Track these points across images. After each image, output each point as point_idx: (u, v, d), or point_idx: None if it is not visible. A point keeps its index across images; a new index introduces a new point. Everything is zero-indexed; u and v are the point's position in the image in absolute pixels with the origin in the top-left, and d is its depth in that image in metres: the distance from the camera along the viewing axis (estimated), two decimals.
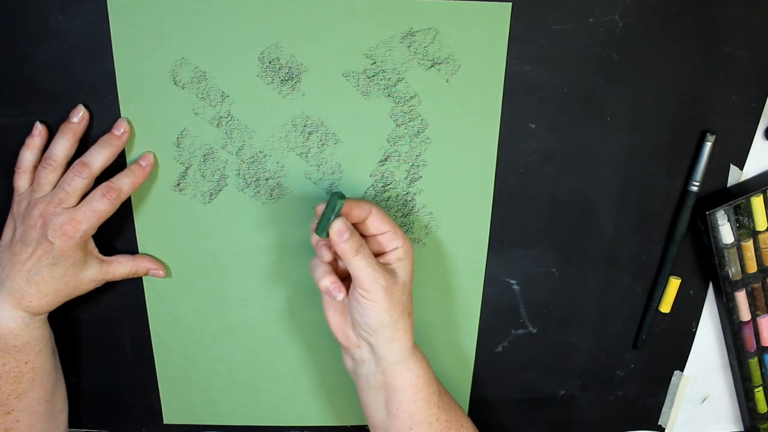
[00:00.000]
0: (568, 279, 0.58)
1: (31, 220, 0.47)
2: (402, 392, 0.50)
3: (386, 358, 0.49)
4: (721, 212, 0.55)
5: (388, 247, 0.50)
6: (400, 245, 0.49)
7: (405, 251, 0.49)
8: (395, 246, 0.49)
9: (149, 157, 0.51)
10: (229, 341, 0.58)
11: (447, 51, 0.50)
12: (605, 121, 0.53)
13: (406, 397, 0.50)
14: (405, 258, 0.49)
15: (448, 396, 0.54)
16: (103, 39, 0.48)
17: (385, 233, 0.49)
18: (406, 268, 0.50)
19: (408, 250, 0.50)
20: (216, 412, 0.61)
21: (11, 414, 0.49)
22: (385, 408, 0.51)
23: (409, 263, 0.50)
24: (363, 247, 0.47)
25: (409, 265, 0.50)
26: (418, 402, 0.50)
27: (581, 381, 0.62)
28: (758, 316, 0.59)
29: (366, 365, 0.51)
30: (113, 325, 0.57)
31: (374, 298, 0.47)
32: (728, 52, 0.51)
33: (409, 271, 0.50)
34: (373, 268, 0.47)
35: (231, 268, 0.55)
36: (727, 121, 0.53)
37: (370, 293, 0.47)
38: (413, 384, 0.50)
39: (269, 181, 0.53)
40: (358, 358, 0.52)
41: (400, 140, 0.52)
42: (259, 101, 0.50)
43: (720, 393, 0.64)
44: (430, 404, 0.51)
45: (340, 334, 0.51)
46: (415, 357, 0.51)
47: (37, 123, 0.49)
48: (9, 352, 0.48)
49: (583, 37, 0.50)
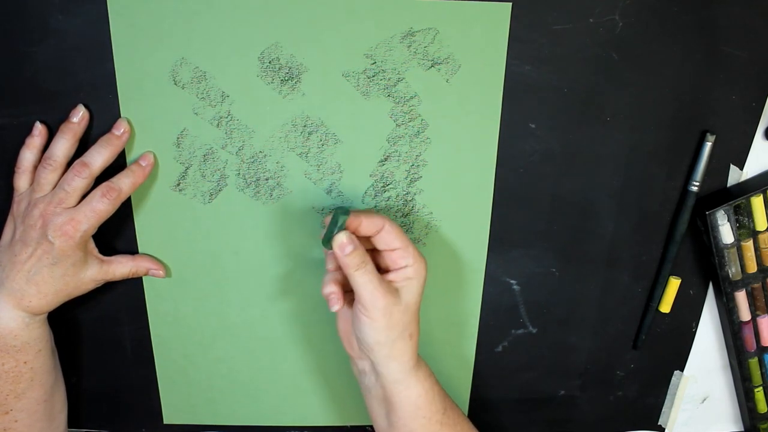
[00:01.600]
0: (568, 279, 0.58)
1: (31, 220, 0.47)
2: (402, 409, 0.49)
3: (385, 376, 0.49)
4: (721, 212, 0.55)
5: (398, 265, 0.48)
6: (411, 264, 0.48)
7: (415, 271, 0.48)
8: (405, 264, 0.48)
9: (149, 157, 0.51)
10: (229, 341, 0.58)
11: (447, 51, 0.50)
12: (605, 121, 0.53)
13: (406, 413, 0.50)
14: (414, 278, 0.48)
15: (456, 412, 0.53)
16: (103, 39, 0.48)
17: (396, 250, 0.48)
18: (414, 290, 0.48)
19: (419, 271, 0.48)
20: (216, 412, 0.61)
21: (10, 414, 0.49)
22: (386, 418, 0.51)
23: (418, 284, 0.48)
24: (365, 263, 0.46)
25: (417, 286, 0.48)
26: (419, 419, 0.50)
27: (581, 381, 0.62)
28: (758, 316, 0.59)
29: (368, 377, 0.51)
30: (113, 325, 0.57)
31: (372, 316, 0.46)
32: (728, 52, 0.51)
33: (417, 292, 0.49)
34: (373, 285, 0.46)
35: (231, 268, 0.55)
36: (727, 121, 0.53)
37: (367, 310, 0.46)
38: (413, 402, 0.50)
39: (269, 181, 0.53)
40: (361, 369, 0.51)
41: (400, 140, 0.52)
42: (259, 101, 0.50)
43: (720, 393, 0.64)
44: (431, 422, 0.50)
45: (346, 342, 0.52)
46: (417, 377, 0.50)
47: (37, 123, 0.49)
48: (8, 352, 0.48)
49: (583, 37, 0.50)
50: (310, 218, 0.54)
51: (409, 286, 0.48)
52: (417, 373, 0.50)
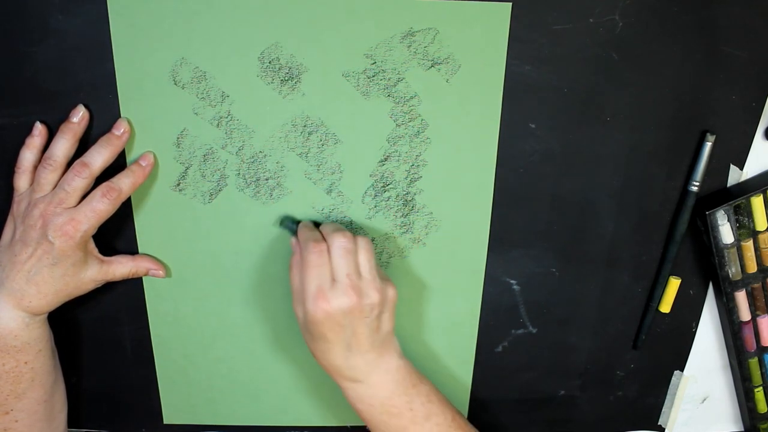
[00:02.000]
0: (568, 279, 0.58)
1: (31, 220, 0.47)
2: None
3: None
4: (721, 212, 0.55)
5: None
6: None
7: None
8: None
9: (149, 157, 0.51)
10: (229, 341, 0.58)
11: (447, 51, 0.50)
12: (605, 121, 0.53)
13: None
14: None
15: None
16: (103, 39, 0.48)
17: None
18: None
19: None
20: (216, 412, 0.61)
21: (10, 414, 0.49)
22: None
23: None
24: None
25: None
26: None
27: (581, 381, 0.62)
28: (758, 316, 0.59)
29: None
30: (113, 325, 0.57)
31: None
32: (728, 52, 0.51)
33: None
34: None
35: (231, 268, 0.55)
36: (727, 121, 0.53)
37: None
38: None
39: (269, 181, 0.53)
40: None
41: (400, 140, 0.52)
42: (259, 101, 0.50)
43: (720, 393, 0.64)
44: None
45: None
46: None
47: (37, 123, 0.49)
48: (8, 352, 0.48)
49: (583, 37, 0.50)
50: (310, 218, 0.54)
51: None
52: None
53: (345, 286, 0.47)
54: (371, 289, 0.48)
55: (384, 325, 0.50)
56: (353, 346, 0.48)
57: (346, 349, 0.48)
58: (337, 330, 0.47)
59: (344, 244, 0.48)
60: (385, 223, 0.55)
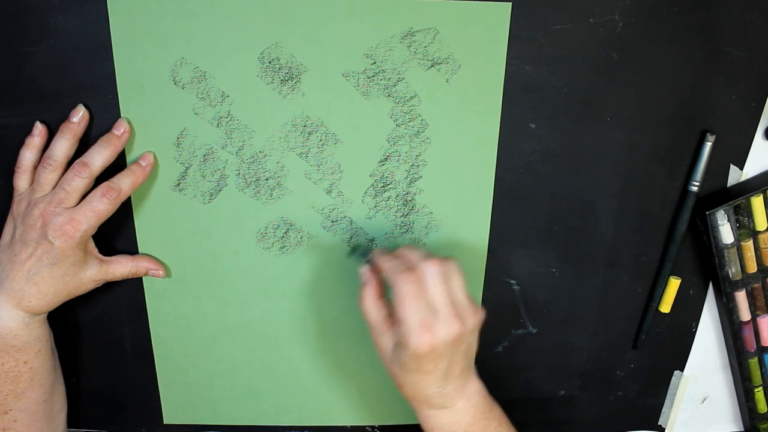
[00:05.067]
0: (568, 279, 0.58)
1: (31, 220, 0.47)
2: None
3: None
4: (721, 212, 0.55)
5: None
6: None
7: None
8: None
9: (149, 157, 0.51)
10: (229, 341, 0.58)
11: (447, 51, 0.50)
12: (605, 121, 0.53)
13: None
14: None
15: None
16: (103, 39, 0.48)
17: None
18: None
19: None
20: (216, 412, 0.61)
21: (9, 414, 0.49)
22: None
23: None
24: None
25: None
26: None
27: (581, 381, 0.62)
28: (758, 316, 0.59)
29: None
30: (113, 325, 0.57)
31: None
32: (728, 52, 0.51)
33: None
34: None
35: (231, 268, 0.55)
36: (727, 121, 0.53)
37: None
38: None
39: (269, 181, 0.53)
40: None
41: (400, 140, 0.52)
42: (259, 101, 0.50)
43: (720, 393, 0.64)
44: None
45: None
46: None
47: (37, 123, 0.49)
48: (8, 351, 0.48)
49: (583, 37, 0.50)
50: (310, 218, 0.54)
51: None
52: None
53: (449, 316, 0.44)
54: (469, 315, 0.45)
55: (473, 348, 0.47)
56: (449, 374, 0.46)
57: (442, 379, 0.46)
58: (438, 361, 0.44)
59: (439, 270, 0.45)
60: (385, 223, 0.55)
